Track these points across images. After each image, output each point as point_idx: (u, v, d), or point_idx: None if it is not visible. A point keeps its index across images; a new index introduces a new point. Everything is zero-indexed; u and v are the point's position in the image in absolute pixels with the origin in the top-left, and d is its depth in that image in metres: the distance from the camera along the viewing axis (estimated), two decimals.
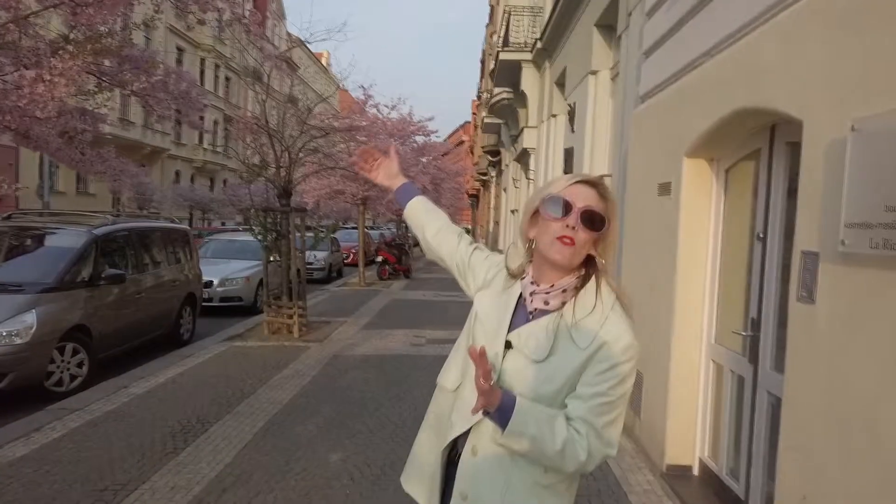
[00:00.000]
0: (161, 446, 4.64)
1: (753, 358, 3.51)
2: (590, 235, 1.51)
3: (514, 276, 1.65)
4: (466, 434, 1.61)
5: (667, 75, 4.67)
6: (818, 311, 2.58)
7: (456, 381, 1.72)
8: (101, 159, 6.68)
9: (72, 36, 4.88)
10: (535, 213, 1.59)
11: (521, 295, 1.61)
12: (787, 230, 3.27)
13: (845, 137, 2.34)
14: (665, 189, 4.46)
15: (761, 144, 3.58)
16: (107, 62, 5.41)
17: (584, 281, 1.55)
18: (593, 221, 1.51)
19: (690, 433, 4.23)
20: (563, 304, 1.55)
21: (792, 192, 3.26)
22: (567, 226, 1.50)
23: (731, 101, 3.50)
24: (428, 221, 1.96)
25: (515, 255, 1.69)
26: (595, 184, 1.56)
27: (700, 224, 4.17)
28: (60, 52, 4.24)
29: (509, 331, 1.58)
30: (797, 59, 2.83)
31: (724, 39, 3.65)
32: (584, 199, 1.52)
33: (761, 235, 3.51)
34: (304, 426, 5.16)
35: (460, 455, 1.61)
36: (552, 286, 1.55)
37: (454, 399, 1.69)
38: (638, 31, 5.99)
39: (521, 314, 1.59)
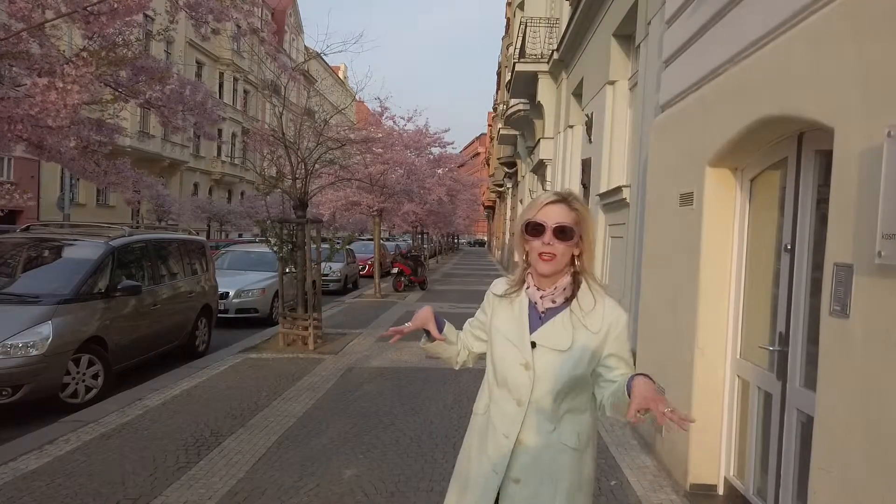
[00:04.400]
0: (174, 460, 4.58)
1: (782, 374, 3.39)
2: (565, 245, 1.88)
3: (518, 285, 2.01)
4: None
5: (688, 83, 4.58)
6: (852, 326, 2.47)
7: (485, 405, 2.05)
8: (116, 170, 6.68)
9: (87, 46, 4.88)
10: None
11: (529, 303, 1.96)
12: (817, 241, 3.16)
13: (881, 144, 2.23)
14: (687, 199, 4.36)
15: (788, 153, 3.47)
16: (123, 73, 5.40)
17: (575, 278, 1.93)
18: (565, 234, 1.87)
19: (715, 451, 4.10)
20: (566, 299, 1.92)
21: (821, 203, 3.16)
22: (544, 243, 1.87)
23: (757, 109, 3.41)
24: (451, 354, 2.16)
25: (500, 282, 2.09)
26: (563, 199, 1.91)
27: (724, 235, 4.06)
28: (74, 59, 4.23)
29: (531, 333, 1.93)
30: (827, 65, 2.73)
31: (749, 46, 3.56)
32: (554, 217, 1.88)
33: (789, 247, 3.39)
34: (317, 440, 5.09)
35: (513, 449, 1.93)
36: (555, 287, 1.92)
37: (486, 420, 2.01)
38: (657, 40, 5.92)
39: (534, 317, 1.94)
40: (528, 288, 1.97)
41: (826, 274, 2.66)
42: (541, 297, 1.93)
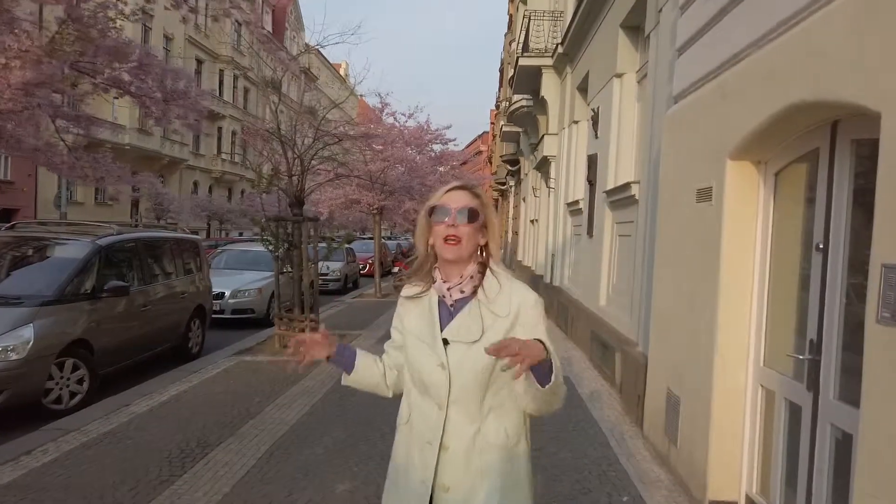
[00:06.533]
0: (157, 473, 4.30)
1: (813, 385, 3.09)
2: (470, 227, 1.81)
3: (426, 283, 1.89)
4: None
5: (705, 71, 4.28)
6: None
7: (406, 414, 1.94)
8: (96, 164, 6.35)
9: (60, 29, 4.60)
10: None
11: (439, 299, 1.87)
12: (854, 240, 2.87)
13: None
14: (705, 195, 4.07)
15: (820, 143, 3.18)
16: (104, 65, 5.07)
17: (482, 267, 1.86)
18: (470, 215, 1.81)
19: (736, 465, 3.81)
20: (475, 288, 1.83)
21: (859, 197, 2.87)
22: (448, 225, 1.80)
23: (785, 96, 3.11)
24: (378, 380, 2.02)
25: (407, 288, 1.95)
26: (465, 187, 1.88)
27: (746, 233, 3.77)
28: (15, 31, 3.91)
29: (442, 331, 1.84)
30: (872, 43, 2.44)
31: (777, 27, 3.26)
32: (458, 201, 1.83)
33: (821, 246, 3.10)
34: (311, 450, 4.81)
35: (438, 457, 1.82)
36: (461, 277, 1.83)
37: (410, 429, 1.91)
38: (669, 28, 5.62)
39: (445, 312, 1.85)
40: (435, 283, 1.88)
41: (872, 276, 2.37)
42: (448, 289, 1.85)
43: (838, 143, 3.03)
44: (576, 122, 11.16)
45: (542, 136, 14.16)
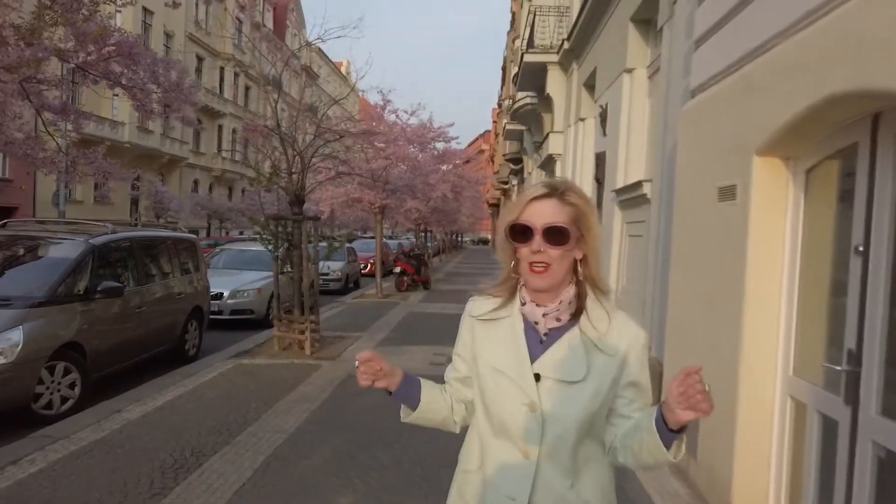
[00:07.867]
0: (147, 485, 4.08)
1: (851, 398, 2.86)
2: (561, 251, 1.47)
3: (506, 302, 1.59)
4: None
5: (727, 63, 4.06)
6: None
7: (477, 459, 1.61)
8: (86, 160, 6.11)
9: (48, 17, 4.39)
10: None
11: (526, 323, 1.56)
12: None
13: None
14: (728, 193, 3.84)
15: (859, 138, 2.95)
16: (79, 48, 4.83)
17: (579, 287, 1.53)
18: (559, 236, 1.46)
19: (763, 482, 3.58)
20: (571, 315, 1.53)
21: None
22: (533, 251, 1.47)
23: (822, 86, 2.89)
24: (445, 415, 1.70)
25: (480, 301, 1.64)
26: (551, 193, 1.50)
27: (774, 234, 3.54)
28: None
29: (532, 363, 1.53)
30: None
31: (810, 13, 3.04)
32: (542, 216, 1.47)
33: (860, 248, 2.87)
34: (309, 460, 4.58)
35: None
36: (559, 302, 1.52)
37: (481, 480, 1.59)
38: (685, 20, 5.40)
39: (533, 341, 1.54)
40: (523, 305, 1.56)
41: None
42: (544, 316, 1.52)
43: (881, 138, 2.80)
44: (582, 120, 10.93)
45: (547, 134, 13.93)
